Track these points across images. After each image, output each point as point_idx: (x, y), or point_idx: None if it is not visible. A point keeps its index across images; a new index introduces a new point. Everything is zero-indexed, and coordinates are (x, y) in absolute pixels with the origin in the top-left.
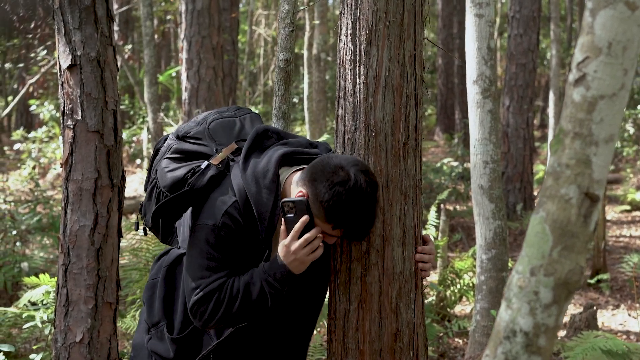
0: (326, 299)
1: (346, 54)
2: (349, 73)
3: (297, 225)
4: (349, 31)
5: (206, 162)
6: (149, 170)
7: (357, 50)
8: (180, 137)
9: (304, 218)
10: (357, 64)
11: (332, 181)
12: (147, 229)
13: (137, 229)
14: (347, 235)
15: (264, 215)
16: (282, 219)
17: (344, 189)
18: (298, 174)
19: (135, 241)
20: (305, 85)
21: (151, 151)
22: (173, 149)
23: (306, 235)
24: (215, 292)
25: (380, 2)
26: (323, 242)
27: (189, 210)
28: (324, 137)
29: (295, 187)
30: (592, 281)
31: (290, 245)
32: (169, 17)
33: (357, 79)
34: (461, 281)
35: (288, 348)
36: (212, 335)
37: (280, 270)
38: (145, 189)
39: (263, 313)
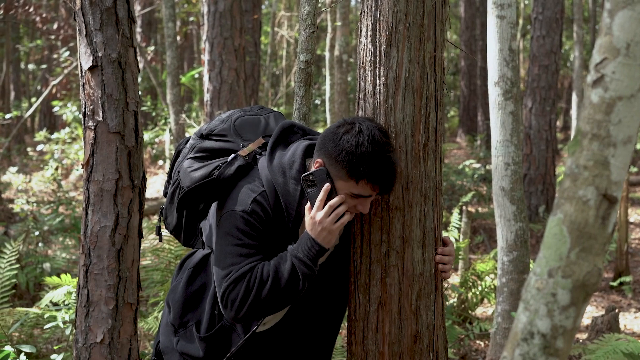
0: None
1: (366, 55)
2: (369, 74)
3: (320, 195)
4: (369, 32)
5: (233, 155)
6: (170, 174)
7: (377, 52)
8: (205, 136)
9: (326, 186)
10: (377, 65)
11: (338, 134)
12: (163, 233)
13: (158, 233)
14: (375, 186)
15: (291, 206)
16: (306, 195)
17: (352, 136)
18: None
19: (157, 242)
20: (327, 87)
21: (173, 152)
22: (197, 148)
23: (330, 202)
24: (246, 274)
25: (401, 4)
26: (345, 235)
27: (213, 208)
28: None
29: (313, 164)
30: (615, 284)
31: (315, 215)
32: (191, 18)
33: (377, 80)
34: (483, 283)
35: (314, 349)
36: (240, 332)
37: (309, 244)
38: (165, 194)
39: (294, 298)
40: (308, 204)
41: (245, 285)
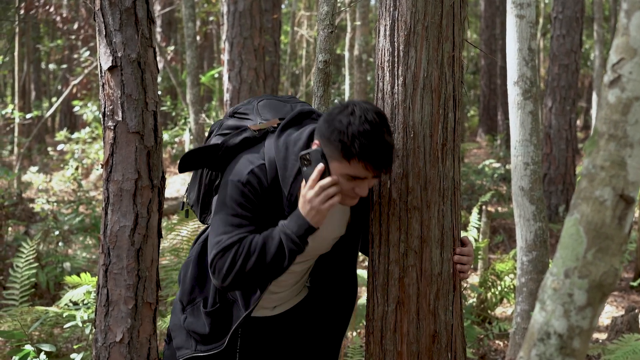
0: (364, 301)
1: (384, 55)
2: (387, 74)
3: (313, 174)
4: (387, 32)
5: (243, 127)
6: None
7: (396, 52)
8: (230, 114)
9: (319, 166)
10: (396, 65)
11: (332, 115)
12: (189, 209)
13: (182, 208)
14: (368, 165)
15: (287, 180)
16: (302, 173)
17: (344, 116)
18: None
19: (176, 242)
20: (347, 87)
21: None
22: (223, 126)
23: (320, 182)
24: (235, 245)
25: (419, 4)
26: (354, 226)
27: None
28: None
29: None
30: (635, 284)
31: (306, 194)
32: (211, 18)
33: (396, 80)
34: (502, 283)
35: (321, 340)
36: (241, 307)
37: (299, 221)
38: None
39: (279, 272)
40: (304, 182)
41: (232, 256)
